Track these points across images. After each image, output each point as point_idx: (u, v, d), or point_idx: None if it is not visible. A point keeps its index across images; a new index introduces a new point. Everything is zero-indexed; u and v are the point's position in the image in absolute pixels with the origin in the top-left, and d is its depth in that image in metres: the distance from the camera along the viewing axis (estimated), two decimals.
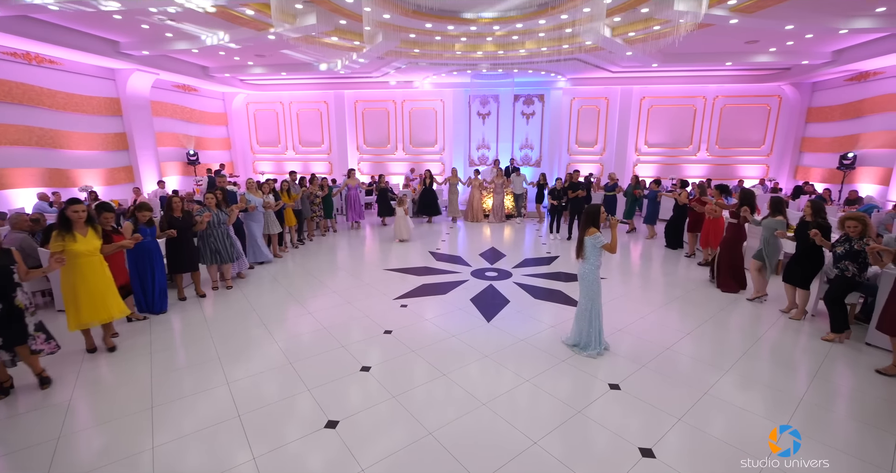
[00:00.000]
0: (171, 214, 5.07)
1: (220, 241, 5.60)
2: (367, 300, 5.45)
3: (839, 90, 11.17)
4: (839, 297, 4.20)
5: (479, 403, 3.24)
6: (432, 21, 7.58)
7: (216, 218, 5.53)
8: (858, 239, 4.05)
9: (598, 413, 3.12)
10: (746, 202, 5.53)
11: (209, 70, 11.89)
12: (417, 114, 14.38)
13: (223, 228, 5.65)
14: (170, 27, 8.13)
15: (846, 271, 4.12)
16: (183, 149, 12.73)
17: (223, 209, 5.72)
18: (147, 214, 4.70)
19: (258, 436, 2.85)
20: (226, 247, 5.67)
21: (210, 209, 5.51)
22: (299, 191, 8.28)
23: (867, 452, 2.71)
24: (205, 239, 5.54)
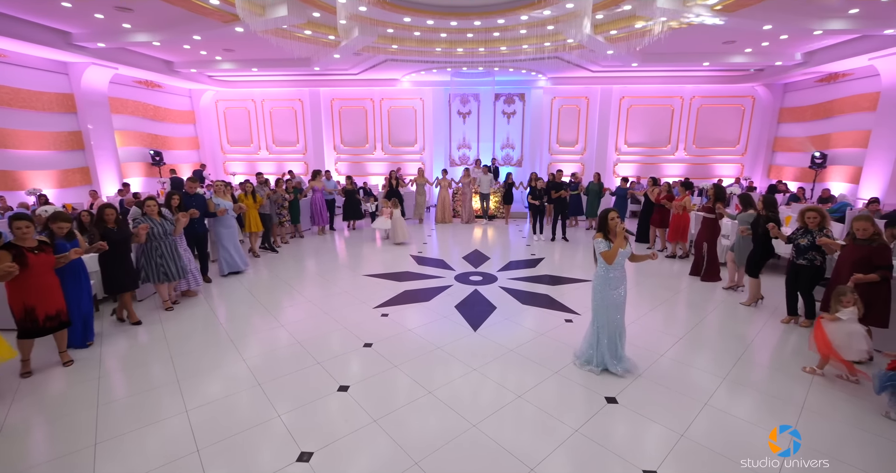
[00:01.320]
0: (104, 226, 4.35)
1: (168, 255, 4.88)
2: (344, 309, 5.11)
3: (810, 91, 11.46)
4: (810, 286, 4.44)
5: (469, 424, 2.97)
6: (411, 15, 7.28)
7: (159, 228, 4.79)
8: (818, 230, 4.27)
9: (597, 432, 2.90)
10: (720, 198, 5.99)
11: (174, 65, 11.21)
12: (396, 113, 14.02)
13: (170, 240, 4.92)
14: (127, 17, 7.54)
15: (815, 260, 4.33)
16: (146, 149, 11.98)
17: (168, 218, 5.01)
18: (65, 226, 3.84)
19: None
20: (175, 262, 4.94)
21: (150, 219, 4.77)
22: (265, 195, 7.64)
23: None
24: (148, 254, 4.81)
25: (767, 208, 4.95)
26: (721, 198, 6.03)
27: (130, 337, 4.40)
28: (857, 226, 3.85)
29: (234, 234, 6.43)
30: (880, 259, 3.68)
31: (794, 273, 4.53)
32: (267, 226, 7.80)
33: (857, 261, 3.78)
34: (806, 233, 4.36)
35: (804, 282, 4.45)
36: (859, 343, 3.39)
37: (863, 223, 3.80)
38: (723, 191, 6.15)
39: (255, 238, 7.55)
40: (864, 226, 3.79)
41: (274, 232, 8.18)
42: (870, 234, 3.78)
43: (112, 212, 4.40)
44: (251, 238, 7.52)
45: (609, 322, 3.58)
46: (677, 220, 7.19)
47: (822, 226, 4.28)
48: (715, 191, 6.09)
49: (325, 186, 9.72)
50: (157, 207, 4.85)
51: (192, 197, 5.80)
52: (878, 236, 3.78)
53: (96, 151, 10.02)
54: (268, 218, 7.78)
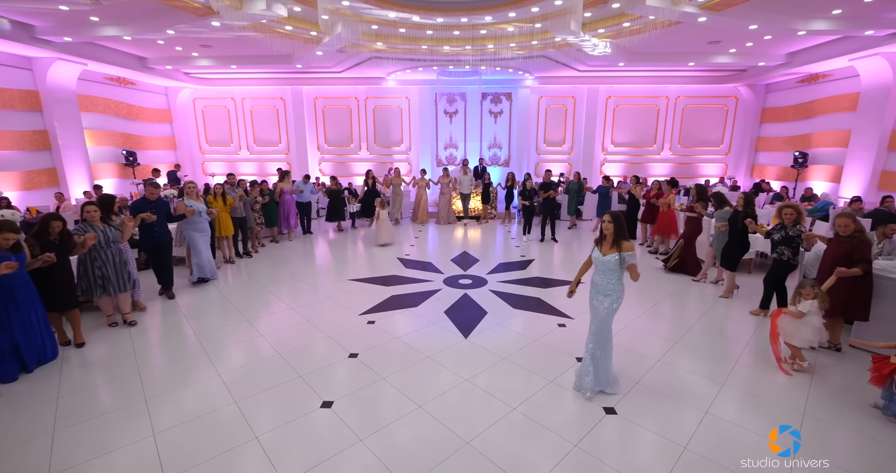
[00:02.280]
0: (44, 238, 3.84)
1: (110, 265, 4.36)
2: (328, 317, 4.87)
3: (791, 91, 11.63)
4: (781, 279, 4.64)
5: (463, 442, 2.79)
6: (396, 10, 7.06)
7: (102, 236, 4.29)
8: (792, 226, 4.44)
9: (597, 446, 2.75)
10: (702, 198, 6.29)
11: (147, 61, 10.75)
12: (381, 112, 13.76)
13: (114, 248, 4.43)
14: (94, 9, 7.13)
15: (783, 255, 4.52)
16: (119, 149, 11.46)
17: (112, 224, 4.47)
18: (10, 237, 3.43)
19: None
20: (118, 273, 4.43)
21: (91, 226, 4.26)
22: (236, 197, 7.06)
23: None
24: (87, 265, 4.30)
25: (746, 205, 5.13)
26: (703, 197, 6.30)
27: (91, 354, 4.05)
28: (839, 222, 3.92)
29: (207, 239, 6.04)
30: (860, 254, 3.74)
31: (771, 268, 4.75)
32: (244, 231, 7.41)
33: (840, 257, 3.84)
34: (781, 229, 4.52)
35: (773, 275, 4.66)
36: (808, 332, 3.51)
37: (844, 220, 3.88)
38: (705, 191, 6.43)
39: (228, 243, 7.01)
40: (846, 222, 3.86)
41: (252, 236, 7.78)
42: (851, 231, 3.84)
43: (58, 225, 3.93)
44: (223, 243, 6.95)
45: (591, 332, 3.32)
46: (663, 217, 7.44)
47: (797, 221, 4.43)
48: (697, 191, 6.48)
49: (294, 188, 9.09)
50: (97, 213, 4.32)
51: (153, 203, 5.22)
52: (859, 233, 3.82)
53: (64, 151, 9.51)
54: (244, 221, 7.36)
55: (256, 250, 7.91)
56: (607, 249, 3.16)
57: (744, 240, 5.29)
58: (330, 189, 9.71)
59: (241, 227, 7.28)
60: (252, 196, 7.67)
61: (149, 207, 5.14)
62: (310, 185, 9.54)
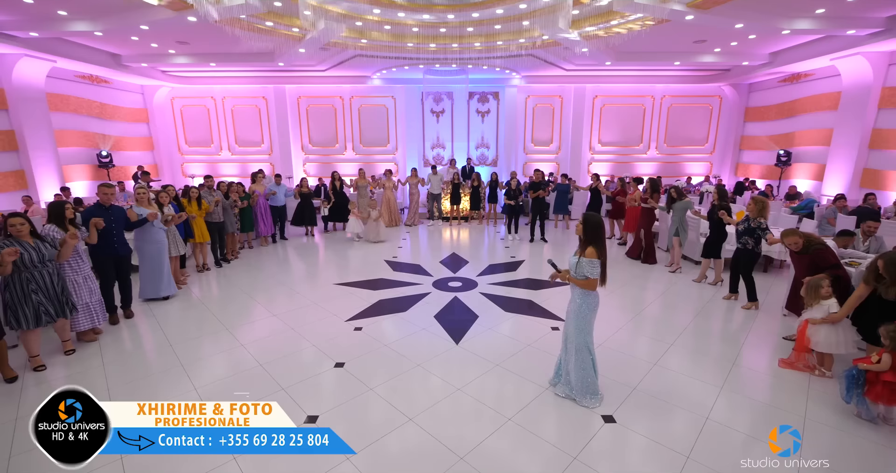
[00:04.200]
0: None
1: (46, 288, 3.64)
2: (313, 324, 4.66)
3: (774, 91, 11.79)
4: (746, 269, 4.94)
5: (457, 457, 2.63)
6: (381, 6, 6.87)
7: (34, 253, 3.56)
8: (754, 217, 4.77)
9: (598, 458, 2.62)
10: (655, 190, 6.91)
11: (122, 58, 10.32)
12: (367, 112, 13.52)
13: (51, 267, 3.71)
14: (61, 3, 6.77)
15: (747, 244, 4.87)
16: (93, 150, 10.99)
17: (48, 239, 3.75)
18: None
19: None
20: (55, 296, 3.72)
21: (18, 241, 3.51)
22: (212, 201, 6.58)
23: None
24: (14, 289, 3.51)
25: (720, 197, 5.63)
26: (656, 190, 6.94)
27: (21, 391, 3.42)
28: (788, 242, 3.97)
29: (161, 250, 5.24)
30: (823, 261, 3.76)
31: (735, 257, 5.08)
32: (221, 236, 6.96)
33: (806, 269, 3.87)
34: (746, 221, 4.86)
35: (742, 265, 4.97)
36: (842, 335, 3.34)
37: (791, 238, 3.94)
38: (657, 184, 7.08)
39: (203, 249, 6.65)
40: (794, 240, 3.92)
41: (229, 242, 7.32)
42: (801, 246, 3.88)
43: None
44: (199, 250, 6.57)
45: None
46: (630, 213, 7.77)
47: (761, 213, 4.76)
48: (650, 185, 6.99)
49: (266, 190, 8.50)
50: (27, 227, 3.58)
51: (107, 209, 4.57)
52: (810, 244, 3.86)
53: (32, 152, 9.05)
54: (222, 226, 6.91)
55: (236, 256, 7.53)
56: (579, 250, 3.06)
57: (721, 230, 5.66)
58: (300, 191, 9.23)
59: (219, 233, 6.87)
60: (231, 199, 7.24)
61: (102, 214, 4.49)
62: (283, 187, 8.90)
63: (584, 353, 3.10)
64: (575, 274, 3.01)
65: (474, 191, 10.49)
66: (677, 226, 6.38)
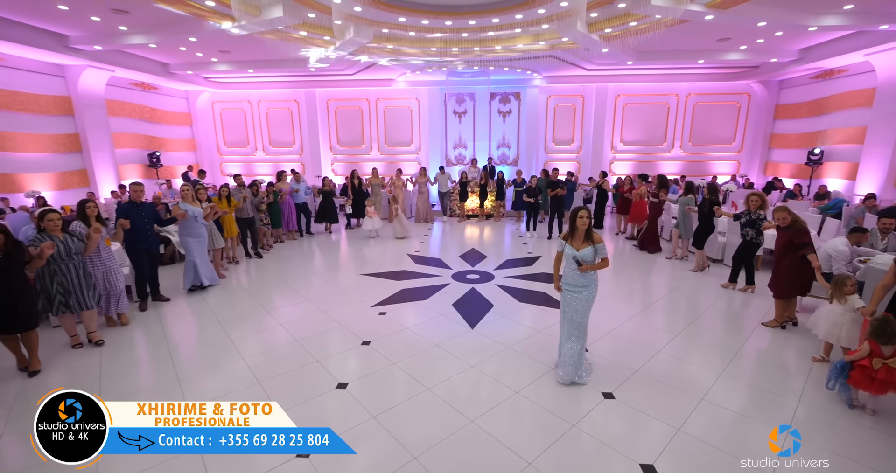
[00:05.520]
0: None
1: (72, 279, 3.97)
2: (342, 308, 5.13)
3: (805, 87, 11.50)
4: (748, 257, 5.39)
5: (467, 420, 3.00)
6: (406, 15, 7.30)
7: (62, 247, 3.88)
8: (755, 211, 5.16)
9: (594, 427, 2.93)
10: (663, 186, 7.49)
11: (170, 67, 11.21)
12: (392, 113, 14.03)
13: (76, 261, 4.03)
14: (123, 19, 7.55)
15: (748, 236, 5.25)
16: (144, 151, 11.98)
17: (76, 234, 4.08)
18: None
19: (221, 468, 2.52)
20: (80, 287, 4.02)
21: (51, 236, 3.85)
22: (240, 197, 7.05)
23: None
24: (44, 280, 3.88)
25: (711, 193, 6.16)
26: (664, 186, 7.56)
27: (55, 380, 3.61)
28: (777, 216, 4.39)
29: (202, 244, 5.71)
30: (798, 238, 4.19)
31: (738, 247, 5.49)
32: (252, 231, 7.50)
33: (784, 244, 4.35)
34: (747, 214, 5.26)
35: (742, 254, 5.42)
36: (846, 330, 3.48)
37: (781, 213, 4.35)
38: (666, 181, 7.70)
39: (233, 243, 7.09)
40: (783, 215, 4.34)
41: (260, 236, 7.91)
42: (788, 222, 4.31)
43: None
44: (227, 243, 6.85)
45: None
46: (636, 207, 8.45)
47: (761, 207, 5.16)
48: (659, 181, 7.65)
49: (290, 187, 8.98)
50: (59, 222, 3.94)
51: (139, 206, 4.95)
52: (794, 222, 4.30)
53: (93, 153, 10.02)
54: (251, 222, 7.45)
55: (267, 249, 8.07)
56: (580, 244, 3.27)
57: (709, 223, 6.24)
58: (322, 190, 9.74)
59: (248, 228, 7.38)
60: (259, 196, 7.75)
61: (136, 210, 4.86)
62: (303, 185, 9.39)
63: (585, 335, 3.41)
64: (594, 260, 3.26)
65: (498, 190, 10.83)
66: (680, 220, 6.99)
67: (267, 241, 8.33)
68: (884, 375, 2.78)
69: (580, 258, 3.23)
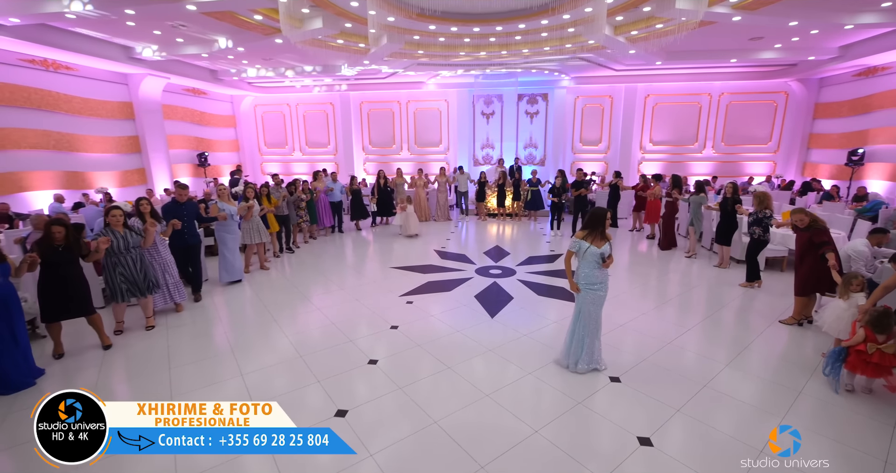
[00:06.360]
0: (48, 244, 3.74)
1: (132, 270, 4.38)
2: (373, 296, 5.59)
3: (847, 85, 11.09)
4: (753, 254, 5.72)
5: (483, 394, 3.35)
6: (436, 23, 7.70)
7: (122, 241, 4.29)
8: (760, 210, 5.47)
9: (599, 405, 3.21)
10: (676, 186, 8.04)
11: (217, 73, 12.12)
12: (422, 115, 14.51)
13: (135, 253, 4.42)
14: (181, 32, 8.34)
15: (755, 234, 5.59)
16: (193, 151, 12.98)
17: (135, 229, 4.51)
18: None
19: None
20: (137, 278, 4.42)
21: (113, 231, 4.26)
22: (279, 196, 7.58)
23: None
24: (108, 270, 4.33)
25: (734, 193, 6.43)
26: (678, 185, 8.10)
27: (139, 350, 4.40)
28: (795, 218, 4.50)
29: (236, 240, 6.14)
30: (818, 238, 4.28)
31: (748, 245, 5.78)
32: (287, 228, 7.96)
33: (804, 244, 4.45)
34: (754, 213, 5.58)
35: (749, 250, 5.74)
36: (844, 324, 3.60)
37: (798, 215, 4.47)
38: (679, 180, 8.30)
39: (273, 238, 7.54)
40: (800, 217, 4.46)
41: (294, 233, 8.40)
42: (807, 223, 4.41)
43: (60, 230, 3.78)
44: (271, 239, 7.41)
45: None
46: (651, 205, 8.77)
47: (763, 205, 5.46)
48: (673, 180, 8.22)
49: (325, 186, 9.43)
50: (122, 218, 4.33)
51: (182, 205, 5.34)
52: (813, 222, 4.39)
53: (151, 154, 11.02)
54: (287, 219, 7.87)
55: (298, 246, 8.50)
56: (600, 242, 3.46)
57: (732, 220, 6.47)
58: (352, 188, 10.26)
59: (284, 224, 7.88)
60: (296, 195, 8.26)
61: (179, 208, 5.25)
62: (339, 184, 9.81)
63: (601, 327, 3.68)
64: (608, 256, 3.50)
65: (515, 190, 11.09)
66: (693, 218, 7.38)
67: (304, 236, 8.92)
68: (878, 359, 2.99)
69: (605, 254, 3.40)
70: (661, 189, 8.38)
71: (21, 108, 8.49)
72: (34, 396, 3.35)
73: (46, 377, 3.67)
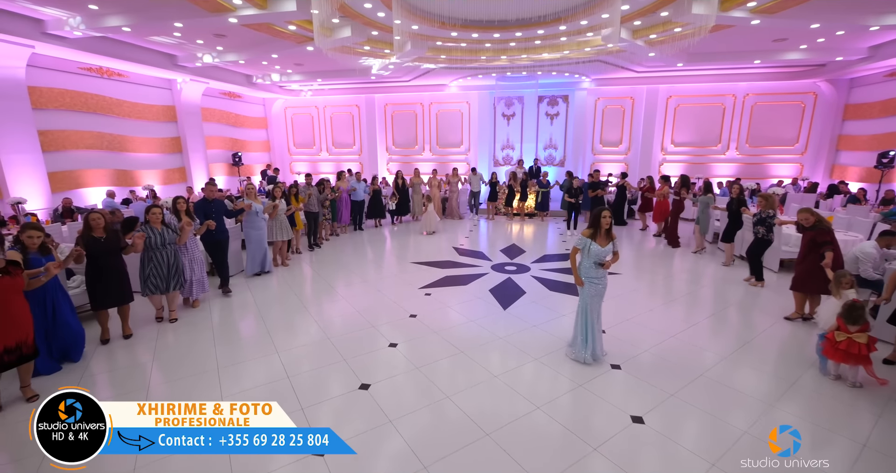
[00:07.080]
0: (89, 234, 3.98)
1: (163, 266, 4.64)
2: (393, 288, 6.00)
3: (878, 86, 10.81)
4: (757, 253, 5.90)
5: (491, 375, 3.69)
6: (458, 30, 8.06)
7: (158, 238, 4.56)
8: (764, 210, 5.71)
9: (599, 388, 3.50)
10: (685, 185, 8.26)
11: (252, 78, 12.85)
12: (444, 116, 14.90)
13: (169, 249, 4.70)
14: (221, 41, 9.00)
15: (758, 233, 5.78)
16: (228, 152, 13.79)
17: (171, 226, 4.76)
18: (36, 236, 3.48)
19: (305, 393, 3.42)
20: (166, 273, 4.67)
21: (151, 227, 4.54)
22: (306, 194, 7.93)
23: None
24: (144, 264, 4.61)
25: (740, 193, 6.77)
26: (686, 185, 8.33)
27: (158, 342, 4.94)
28: (801, 217, 4.67)
29: (262, 236, 6.44)
30: (822, 237, 4.46)
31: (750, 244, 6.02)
32: (315, 224, 8.26)
33: (808, 243, 4.61)
34: (758, 213, 5.79)
35: (752, 250, 5.94)
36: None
37: (804, 214, 4.64)
38: (688, 180, 8.52)
39: (298, 236, 7.90)
40: (806, 216, 4.63)
41: (320, 229, 8.67)
42: (812, 223, 4.57)
43: (98, 219, 4.01)
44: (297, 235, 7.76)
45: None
46: (658, 205, 9.16)
47: (769, 206, 5.70)
48: (681, 180, 8.44)
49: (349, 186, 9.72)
50: (160, 216, 4.60)
51: (211, 202, 5.54)
52: (818, 222, 4.56)
53: (191, 154, 11.84)
54: (316, 216, 8.21)
55: (323, 241, 8.91)
56: (605, 241, 3.72)
57: (737, 220, 6.75)
58: (373, 188, 10.59)
59: (313, 221, 8.30)
60: (324, 193, 8.65)
61: (208, 206, 5.48)
62: (362, 184, 10.06)
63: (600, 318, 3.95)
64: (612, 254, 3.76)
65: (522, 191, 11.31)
66: (699, 217, 7.65)
67: (326, 233, 9.37)
68: (845, 347, 3.32)
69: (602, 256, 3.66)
70: (668, 189, 8.70)
71: (79, 112, 9.35)
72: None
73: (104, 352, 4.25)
